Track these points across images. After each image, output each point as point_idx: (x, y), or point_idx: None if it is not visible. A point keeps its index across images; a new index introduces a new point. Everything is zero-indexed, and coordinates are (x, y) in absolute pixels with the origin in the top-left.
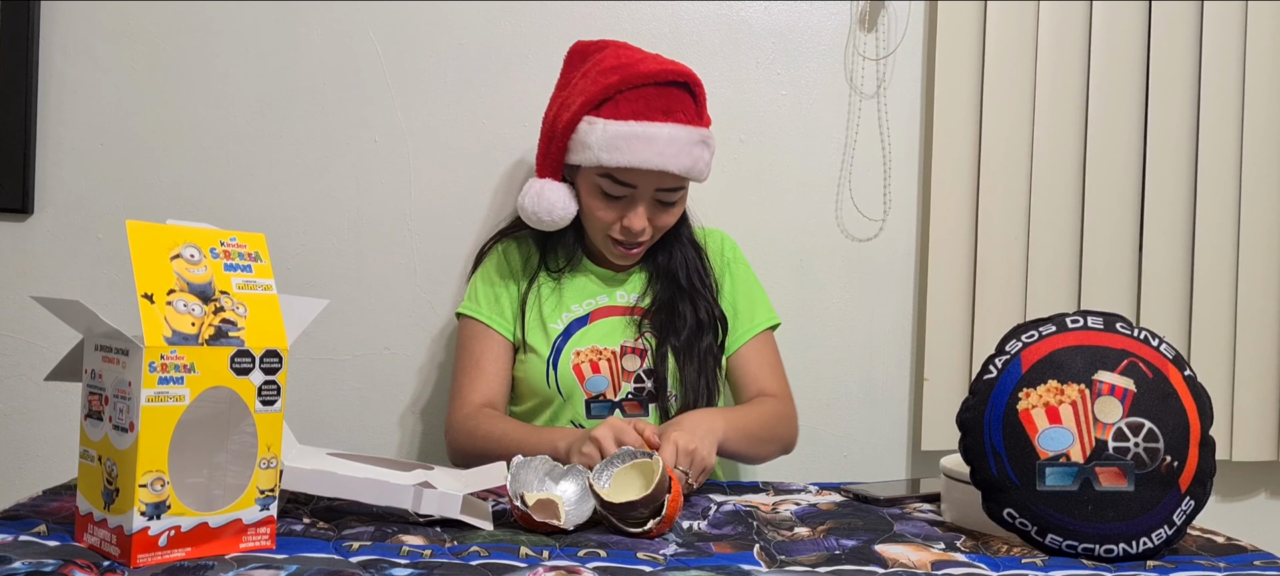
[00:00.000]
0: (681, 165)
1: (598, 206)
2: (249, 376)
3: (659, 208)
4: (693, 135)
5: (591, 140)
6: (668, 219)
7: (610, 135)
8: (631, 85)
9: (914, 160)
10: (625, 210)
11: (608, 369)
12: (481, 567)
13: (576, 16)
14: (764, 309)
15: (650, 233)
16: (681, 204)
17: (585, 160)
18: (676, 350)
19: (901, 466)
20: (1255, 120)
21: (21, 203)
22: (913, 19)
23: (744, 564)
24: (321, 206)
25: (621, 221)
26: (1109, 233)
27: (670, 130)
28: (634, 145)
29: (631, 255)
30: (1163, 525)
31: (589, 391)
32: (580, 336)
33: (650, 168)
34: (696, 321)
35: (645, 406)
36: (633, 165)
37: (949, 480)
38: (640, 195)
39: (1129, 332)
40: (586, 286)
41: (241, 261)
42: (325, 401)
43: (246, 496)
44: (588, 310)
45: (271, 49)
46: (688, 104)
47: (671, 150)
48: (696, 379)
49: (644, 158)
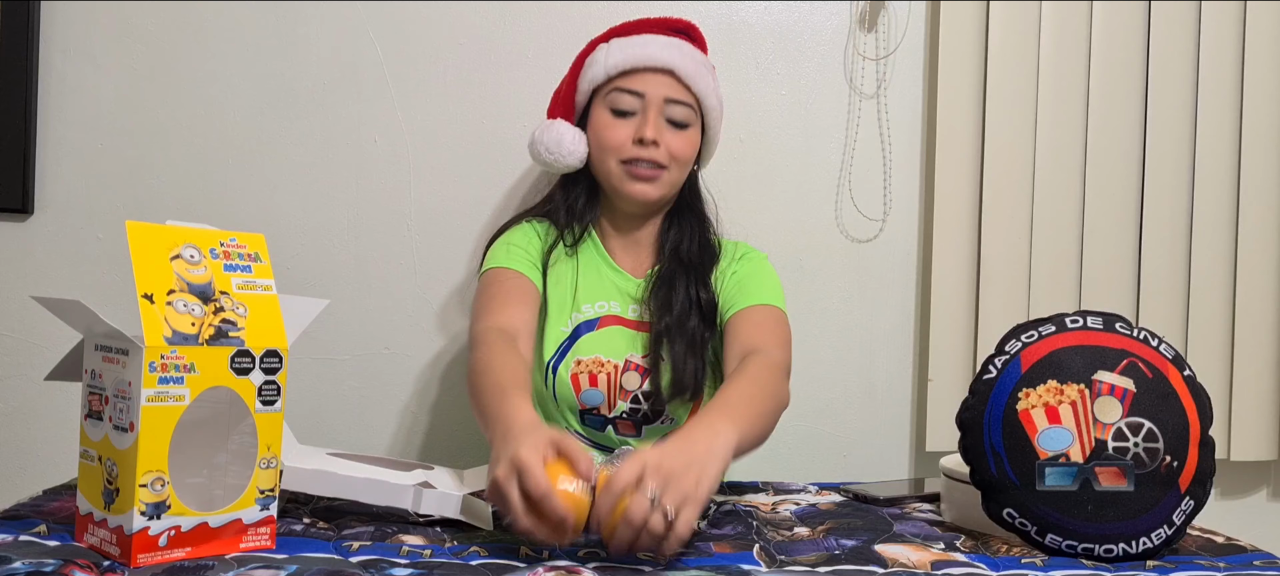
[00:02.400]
0: (687, 67)
1: (609, 128)
2: (249, 376)
3: (670, 128)
4: (699, 56)
5: (598, 58)
6: (681, 144)
7: (616, 47)
8: (636, 29)
9: (914, 161)
10: (637, 124)
11: (606, 383)
12: (481, 567)
13: (576, 16)
14: (771, 290)
15: (665, 153)
16: (694, 134)
17: (594, 78)
18: (669, 327)
19: (902, 467)
20: (1254, 120)
21: (21, 203)
22: (913, 19)
23: (744, 564)
24: (321, 206)
25: (635, 135)
26: (1110, 232)
27: (676, 42)
28: (639, 46)
29: (650, 177)
30: (1162, 525)
31: (583, 403)
32: (585, 343)
33: (656, 63)
34: (688, 299)
35: (639, 428)
36: (638, 63)
37: (949, 480)
38: (650, 103)
39: (1128, 333)
40: (601, 284)
41: (241, 262)
42: (325, 401)
43: (246, 496)
44: (599, 314)
45: (271, 49)
46: (688, 43)
47: (678, 56)
48: (684, 358)
49: (649, 54)
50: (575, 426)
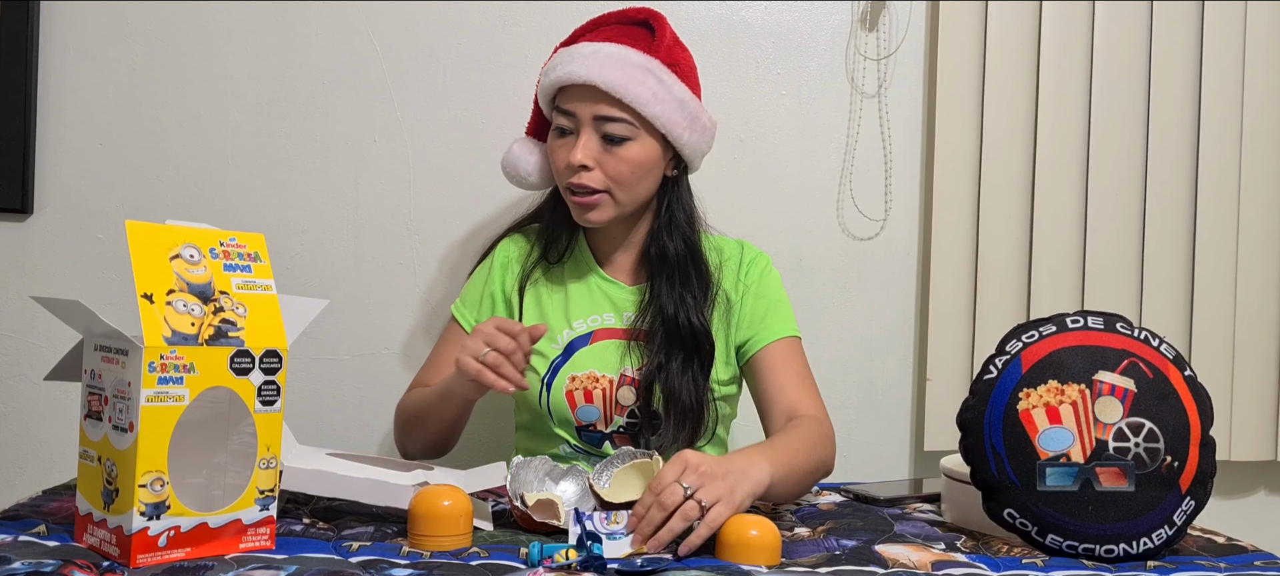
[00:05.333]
0: (609, 80)
1: (552, 150)
2: (248, 376)
3: (605, 145)
4: (632, 58)
5: (545, 73)
6: (618, 165)
7: (557, 61)
8: (594, 27)
9: (915, 160)
10: (570, 146)
11: (601, 398)
12: (481, 568)
13: (576, 17)
14: (787, 314)
15: (600, 177)
16: (635, 149)
17: (541, 96)
18: (662, 367)
19: (902, 467)
20: (1255, 121)
21: (21, 202)
22: (914, 19)
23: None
24: (321, 206)
25: (567, 161)
26: (1111, 232)
27: (606, 47)
28: (566, 61)
29: (589, 204)
30: (1163, 525)
31: (580, 420)
32: (578, 359)
33: (574, 81)
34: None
35: (637, 442)
36: (562, 81)
37: (949, 480)
38: (582, 123)
39: (1129, 333)
40: (593, 297)
41: (241, 262)
42: (325, 401)
43: (246, 496)
44: (591, 329)
45: (271, 49)
46: (644, 39)
47: (597, 63)
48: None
49: (570, 71)
50: (572, 442)
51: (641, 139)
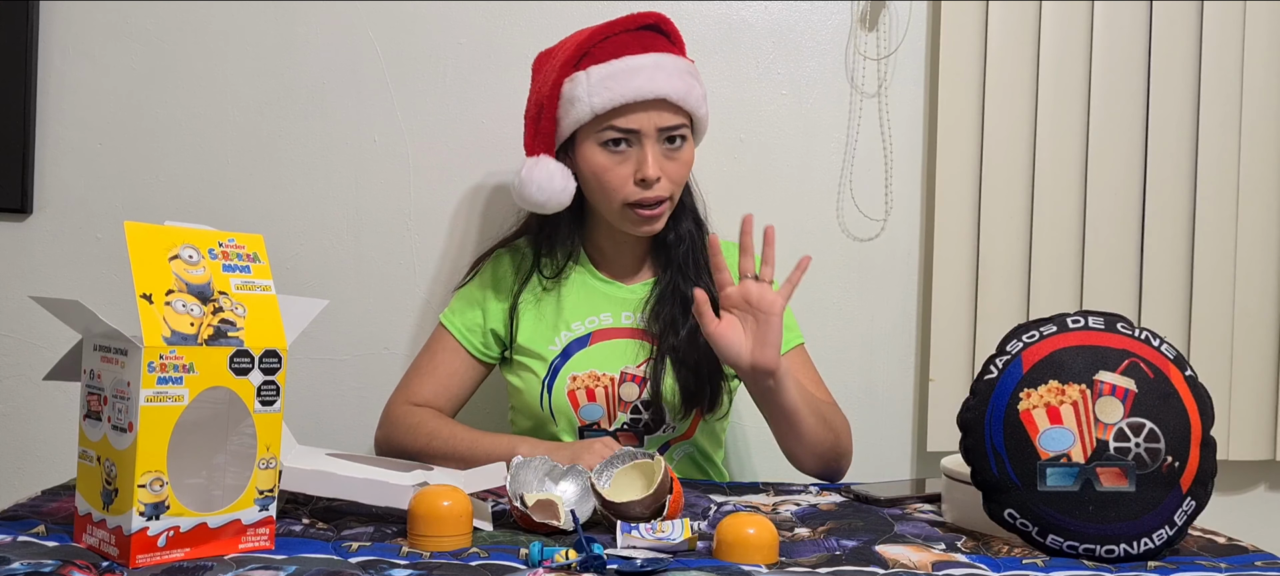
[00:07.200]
0: (676, 90)
1: (605, 169)
2: (248, 376)
3: (668, 152)
4: (679, 64)
5: (579, 93)
6: (678, 168)
7: (597, 78)
8: (604, 37)
9: (915, 160)
10: (635, 161)
11: (604, 396)
12: (481, 568)
13: (576, 17)
14: (792, 324)
15: (667, 185)
16: (689, 148)
17: (579, 116)
18: (675, 348)
19: (903, 467)
20: (1254, 121)
21: (21, 203)
22: (914, 18)
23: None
24: (321, 206)
25: (635, 175)
26: (1111, 232)
27: (655, 58)
28: (624, 78)
29: (655, 215)
30: (1164, 525)
31: (583, 419)
32: (578, 359)
33: (645, 96)
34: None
35: (641, 438)
36: (627, 98)
37: (950, 480)
38: (645, 137)
39: (1130, 333)
40: (589, 299)
41: (240, 262)
42: (324, 401)
43: (245, 497)
44: (589, 330)
45: (271, 49)
46: (663, 42)
47: (662, 76)
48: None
49: (636, 87)
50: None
51: (690, 139)
